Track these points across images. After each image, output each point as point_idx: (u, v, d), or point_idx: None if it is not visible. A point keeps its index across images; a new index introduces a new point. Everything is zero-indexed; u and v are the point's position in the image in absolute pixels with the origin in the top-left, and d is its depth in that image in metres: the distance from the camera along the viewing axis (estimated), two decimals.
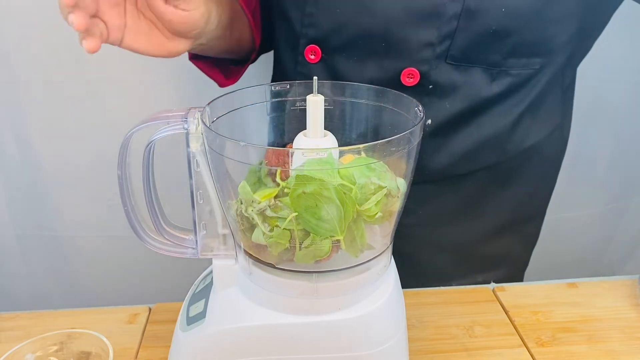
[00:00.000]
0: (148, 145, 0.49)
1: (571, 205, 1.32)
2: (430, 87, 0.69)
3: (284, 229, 0.46)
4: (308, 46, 0.71)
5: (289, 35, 0.74)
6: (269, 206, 0.46)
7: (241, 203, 0.48)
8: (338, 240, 0.47)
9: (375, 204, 0.47)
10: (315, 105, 0.48)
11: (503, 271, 0.87)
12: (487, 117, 0.73)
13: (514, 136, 0.76)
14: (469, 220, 0.81)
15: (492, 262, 0.86)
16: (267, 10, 0.82)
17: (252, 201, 0.47)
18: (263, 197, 0.47)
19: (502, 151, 0.76)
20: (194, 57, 0.81)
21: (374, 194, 0.47)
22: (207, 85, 0.87)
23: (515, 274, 0.91)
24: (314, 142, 0.49)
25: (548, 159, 0.84)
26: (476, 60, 0.68)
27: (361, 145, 0.45)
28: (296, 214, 0.45)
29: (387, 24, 0.66)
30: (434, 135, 0.72)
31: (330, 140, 0.50)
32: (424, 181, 0.74)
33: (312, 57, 0.71)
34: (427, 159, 0.74)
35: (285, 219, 0.46)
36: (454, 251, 0.83)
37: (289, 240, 0.47)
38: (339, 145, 0.51)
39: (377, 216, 0.47)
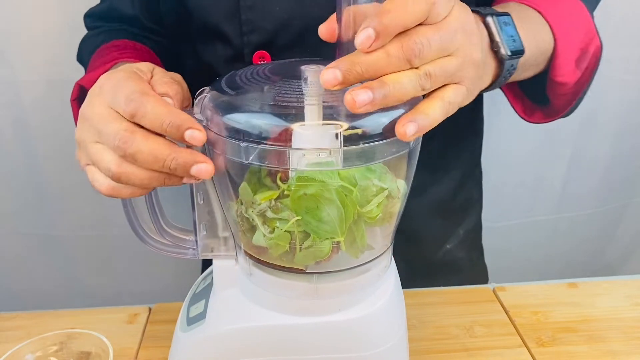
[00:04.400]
0: None
1: (571, 205, 1.32)
2: None
3: (284, 230, 0.46)
4: (255, 53, 0.68)
5: (228, 52, 0.71)
6: (269, 208, 0.46)
7: (241, 204, 0.48)
8: (338, 242, 0.47)
9: (377, 206, 0.47)
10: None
11: (472, 218, 0.92)
12: None
13: None
14: (440, 176, 0.84)
15: (462, 211, 0.90)
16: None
17: (253, 202, 0.47)
18: (263, 198, 0.47)
19: None
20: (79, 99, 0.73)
21: (376, 196, 0.47)
22: None
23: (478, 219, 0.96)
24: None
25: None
26: None
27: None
28: (299, 217, 0.45)
29: (334, 9, 0.66)
30: None
31: None
32: None
33: (262, 62, 0.69)
34: None
35: (286, 220, 0.46)
36: (434, 210, 0.85)
37: (289, 242, 0.47)
38: None
39: (377, 218, 0.47)
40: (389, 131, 0.43)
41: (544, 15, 0.63)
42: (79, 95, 0.66)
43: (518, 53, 0.54)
